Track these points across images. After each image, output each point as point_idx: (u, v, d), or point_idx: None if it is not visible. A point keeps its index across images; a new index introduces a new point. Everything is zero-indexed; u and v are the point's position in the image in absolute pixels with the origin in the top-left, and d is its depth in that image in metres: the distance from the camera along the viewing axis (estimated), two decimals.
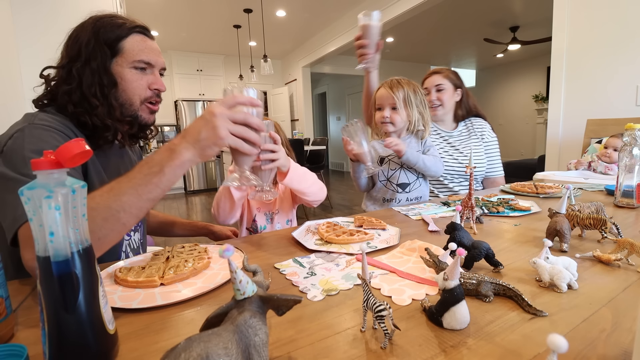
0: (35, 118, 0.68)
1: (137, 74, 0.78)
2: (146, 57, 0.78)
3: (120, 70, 0.76)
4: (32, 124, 0.66)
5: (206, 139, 0.58)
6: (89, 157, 0.35)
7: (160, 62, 0.82)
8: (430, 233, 0.79)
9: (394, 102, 1.19)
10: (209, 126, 0.58)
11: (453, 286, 0.39)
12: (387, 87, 1.21)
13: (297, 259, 0.65)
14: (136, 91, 0.78)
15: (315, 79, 8.70)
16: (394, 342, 0.37)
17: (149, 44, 0.80)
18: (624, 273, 0.53)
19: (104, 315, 0.35)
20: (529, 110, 7.76)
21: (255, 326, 0.30)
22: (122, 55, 0.76)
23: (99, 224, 0.54)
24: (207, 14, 4.68)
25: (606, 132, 1.90)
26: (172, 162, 0.58)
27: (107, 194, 0.56)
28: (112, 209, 0.55)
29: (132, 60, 0.76)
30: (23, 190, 0.31)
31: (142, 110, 0.81)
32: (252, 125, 0.62)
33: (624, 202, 0.95)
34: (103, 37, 0.74)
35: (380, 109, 1.24)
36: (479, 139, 1.56)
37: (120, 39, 0.75)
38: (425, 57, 7.68)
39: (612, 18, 1.99)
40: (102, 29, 0.74)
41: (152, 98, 0.81)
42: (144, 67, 0.79)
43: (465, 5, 4.67)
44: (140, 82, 0.78)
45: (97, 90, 0.73)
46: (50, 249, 0.32)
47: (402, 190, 1.24)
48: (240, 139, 0.61)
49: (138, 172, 0.58)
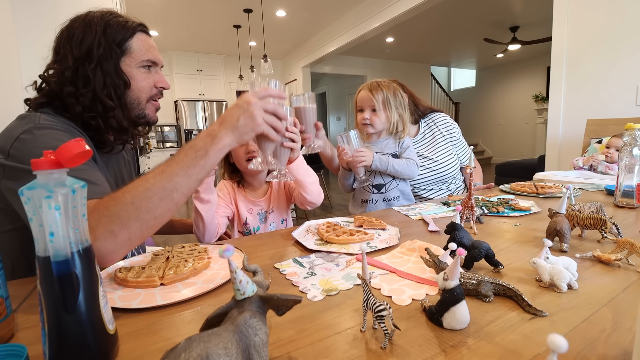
0: (38, 119, 0.68)
1: (144, 73, 0.79)
2: (152, 56, 0.79)
3: (129, 70, 0.76)
4: (39, 124, 0.66)
5: (244, 125, 0.63)
6: (89, 157, 0.35)
7: (160, 59, 0.83)
8: (430, 233, 0.79)
9: (374, 105, 1.23)
10: (247, 114, 0.63)
11: (453, 286, 0.39)
12: (367, 90, 1.25)
13: (297, 259, 0.65)
14: (144, 90, 0.79)
15: (315, 79, 8.70)
16: (394, 342, 0.37)
17: (152, 43, 0.81)
18: (624, 273, 0.53)
19: (104, 315, 0.35)
20: (529, 110, 7.76)
21: (255, 326, 0.30)
22: (130, 55, 0.76)
23: (156, 203, 0.57)
24: (207, 14, 4.68)
25: (606, 132, 1.90)
26: (214, 147, 0.62)
27: (159, 175, 0.58)
28: (167, 189, 0.58)
29: (140, 60, 0.77)
30: (23, 190, 0.31)
31: (148, 109, 0.82)
32: (279, 115, 0.67)
33: (624, 202, 0.95)
34: (112, 37, 0.74)
35: (361, 111, 1.28)
36: (444, 137, 1.46)
37: (127, 39, 0.76)
38: (425, 57, 7.68)
39: (612, 18, 1.99)
40: (109, 29, 0.74)
41: (157, 96, 0.84)
42: (150, 66, 0.80)
43: (465, 6, 4.67)
44: (148, 80, 0.80)
45: (112, 91, 0.74)
46: (50, 249, 0.32)
47: (377, 191, 1.26)
48: (270, 127, 0.66)
49: (185, 155, 0.61)
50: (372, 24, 4.28)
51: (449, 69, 9.50)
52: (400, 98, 1.27)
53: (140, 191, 0.56)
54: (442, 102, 8.86)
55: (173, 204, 0.59)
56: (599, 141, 1.88)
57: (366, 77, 7.36)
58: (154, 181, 0.57)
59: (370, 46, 6.25)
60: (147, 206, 0.56)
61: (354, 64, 7.23)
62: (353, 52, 6.48)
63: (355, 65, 7.25)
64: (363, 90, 1.27)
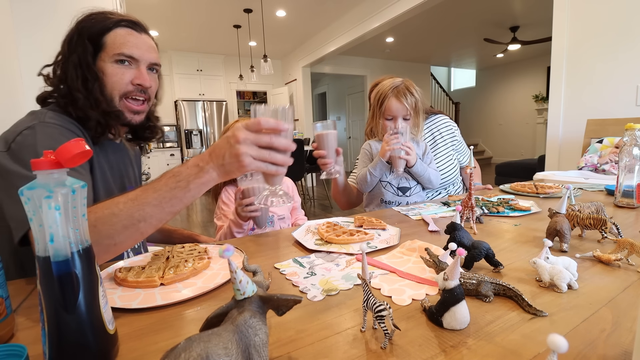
0: (45, 116, 0.68)
1: (118, 68, 0.76)
2: (128, 50, 0.76)
3: (103, 65, 0.75)
4: (43, 122, 0.67)
5: (230, 164, 0.58)
6: (89, 157, 0.35)
7: (147, 57, 0.79)
8: (430, 233, 0.79)
9: (407, 114, 1.20)
10: (232, 152, 0.57)
11: (453, 286, 0.39)
12: (397, 98, 1.19)
13: (297, 259, 0.65)
14: (115, 86, 0.76)
15: (315, 79, 8.70)
16: (394, 342, 0.37)
17: (134, 38, 0.77)
18: (624, 273, 0.53)
19: (104, 315, 0.35)
20: (529, 110, 7.76)
21: (255, 326, 0.30)
22: (105, 49, 0.75)
23: (119, 230, 0.55)
24: (207, 14, 4.68)
25: (606, 132, 1.90)
26: (198, 180, 0.58)
27: (131, 202, 0.56)
28: (134, 218, 0.55)
29: (113, 54, 0.75)
30: (23, 190, 0.31)
31: (123, 107, 0.78)
32: (278, 148, 0.58)
33: (624, 202, 0.95)
34: (87, 32, 0.74)
35: (389, 119, 1.22)
36: (445, 140, 1.45)
37: (103, 33, 0.75)
38: (425, 57, 7.68)
39: (612, 18, 1.99)
40: (86, 24, 0.75)
41: (134, 93, 0.79)
42: (125, 61, 0.76)
43: (465, 5, 4.67)
44: (122, 76, 0.76)
45: (80, 84, 0.73)
46: (50, 249, 0.32)
47: (402, 194, 1.23)
48: (266, 162, 0.59)
49: (165, 184, 0.58)
50: (372, 24, 4.28)
51: (449, 69, 9.50)
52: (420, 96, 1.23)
53: (105, 215, 0.54)
54: (442, 102, 8.87)
55: (138, 234, 0.56)
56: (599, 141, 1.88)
57: (366, 77, 7.36)
58: (124, 207, 0.55)
59: (370, 46, 6.25)
60: (108, 232, 0.54)
61: (354, 64, 7.23)
62: (353, 52, 6.48)
63: (355, 65, 7.25)
64: (394, 98, 1.19)
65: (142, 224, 0.56)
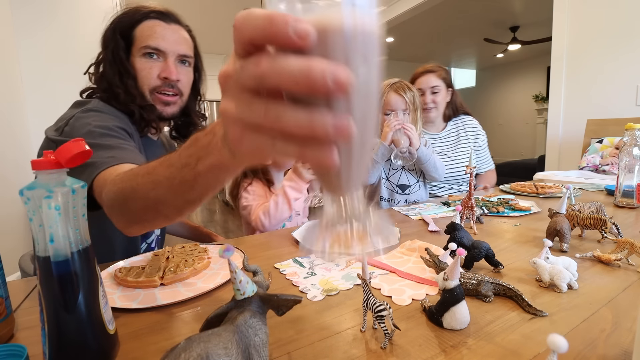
0: (92, 103, 0.71)
1: (146, 62, 0.75)
2: (154, 42, 0.74)
3: (134, 60, 0.75)
4: (93, 107, 0.69)
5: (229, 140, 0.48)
6: (89, 157, 0.35)
7: (175, 48, 0.76)
8: (430, 233, 0.79)
9: (405, 107, 1.20)
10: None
11: (453, 286, 0.39)
12: (395, 92, 1.20)
13: (297, 259, 0.65)
14: (145, 80, 0.75)
15: None
16: (394, 342, 0.37)
17: (161, 29, 0.75)
18: (624, 273, 0.53)
19: (104, 315, 0.35)
20: (529, 110, 7.76)
21: (255, 326, 0.30)
22: (135, 43, 0.75)
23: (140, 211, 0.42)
24: (208, 14, 4.68)
25: (606, 132, 1.90)
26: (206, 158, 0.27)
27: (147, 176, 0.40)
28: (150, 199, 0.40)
29: (140, 47, 0.74)
30: (23, 190, 0.31)
31: (154, 101, 0.77)
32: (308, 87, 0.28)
33: (624, 202, 0.95)
34: (119, 28, 0.74)
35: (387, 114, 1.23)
36: (468, 141, 1.49)
37: (133, 27, 0.74)
38: (425, 57, 7.68)
39: (612, 18, 1.99)
40: (119, 19, 0.75)
41: (162, 88, 0.77)
42: (153, 54, 0.75)
43: (465, 6, 4.67)
44: (150, 70, 0.75)
45: (118, 79, 0.74)
46: (50, 249, 0.32)
47: (401, 192, 1.24)
48: None
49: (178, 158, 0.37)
50: None
51: (449, 69, 9.50)
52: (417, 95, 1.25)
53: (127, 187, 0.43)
54: None
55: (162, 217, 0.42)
56: (599, 141, 1.88)
57: None
58: (141, 180, 0.41)
59: None
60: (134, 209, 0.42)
61: None
62: None
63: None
64: (392, 91, 1.21)
65: (161, 207, 0.40)
